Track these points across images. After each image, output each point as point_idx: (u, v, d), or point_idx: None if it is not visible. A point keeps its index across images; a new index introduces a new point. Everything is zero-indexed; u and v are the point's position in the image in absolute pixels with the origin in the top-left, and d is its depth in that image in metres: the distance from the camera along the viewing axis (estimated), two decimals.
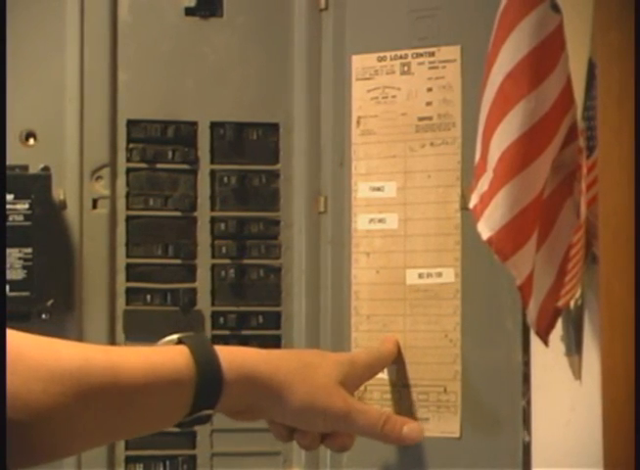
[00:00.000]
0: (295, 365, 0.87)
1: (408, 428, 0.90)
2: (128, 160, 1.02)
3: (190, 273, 1.02)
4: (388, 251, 0.99)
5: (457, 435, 0.98)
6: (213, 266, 1.02)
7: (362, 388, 1.00)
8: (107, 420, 0.77)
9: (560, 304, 0.85)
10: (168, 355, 0.80)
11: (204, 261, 1.02)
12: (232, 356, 0.83)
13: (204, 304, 1.02)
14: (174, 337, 0.84)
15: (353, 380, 0.91)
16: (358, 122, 1.02)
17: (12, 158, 0.98)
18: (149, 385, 0.77)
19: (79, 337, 0.99)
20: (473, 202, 0.83)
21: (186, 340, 0.82)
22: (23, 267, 0.96)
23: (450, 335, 0.98)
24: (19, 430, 0.71)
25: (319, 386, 0.87)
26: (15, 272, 0.95)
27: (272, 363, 0.85)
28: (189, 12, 1.03)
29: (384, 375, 0.99)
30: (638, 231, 0.70)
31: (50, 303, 0.97)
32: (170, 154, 1.02)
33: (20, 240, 0.96)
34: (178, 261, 1.02)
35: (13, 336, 0.73)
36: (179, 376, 0.79)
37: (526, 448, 0.96)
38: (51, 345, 0.76)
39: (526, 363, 0.96)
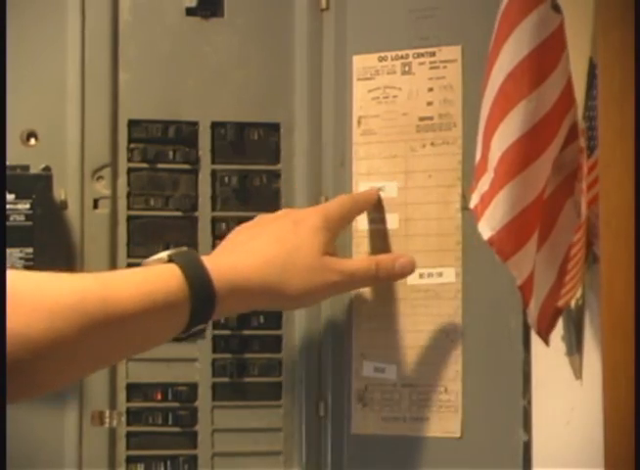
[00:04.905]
0: (280, 262, 0.89)
1: (399, 265, 0.95)
2: (129, 160, 1.02)
3: None
4: (388, 251, 0.99)
5: (458, 435, 0.98)
6: None
7: (362, 387, 1.00)
8: (107, 348, 0.80)
9: (560, 303, 0.85)
10: (161, 279, 0.83)
11: None
12: (222, 271, 0.86)
13: None
14: (164, 255, 0.86)
15: (332, 238, 0.95)
16: (359, 122, 1.02)
17: (13, 158, 0.98)
18: (145, 312, 0.80)
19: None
20: (473, 202, 0.83)
21: (176, 258, 0.85)
22: (25, 267, 0.95)
23: (451, 335, 0.98)
24: (23, 368, 0.74)
25: (308, 269, 0.90)
26: None
27: (260, 270, 0.88)
28: (190, 12, 1.02)
29: (384, 375, 1.00)
30: (639, 231, 0.70)
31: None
32: (171, 154, 1.02)
33: (21, 240, 0.96)
34: None
35: (11, 276, 0.75)
36: (173, 299, 0.82)
37: (527, 448, 0.96)
38: (48, 281, 0.79)
39: (527, 363, 0.96)
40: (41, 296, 0.76)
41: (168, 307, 0.82)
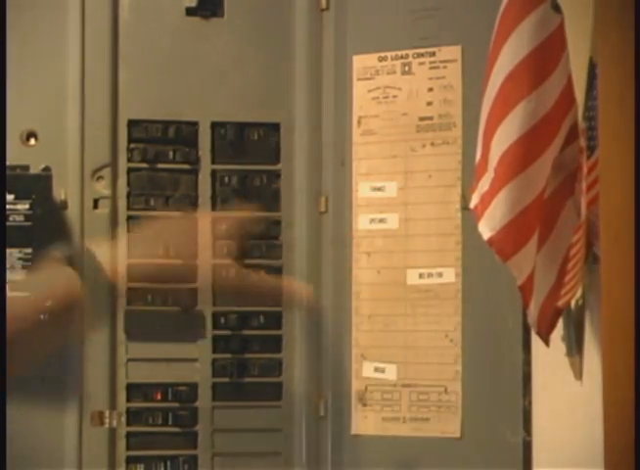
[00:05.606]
0: None
1: None
2: (129, 160, 1.02)
3: (191, 273, 1.02)
4: (388, 251, 0.99)
5: (457, 435, 0.98)
6: (214, 266, 1.02)
7: (363, 387, 1.00)
8: None
9: (560, 303, 0.85)
10: None
11: (205, 262, 1.02)
12: None
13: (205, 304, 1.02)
14: None
15: None
16: (359, 122, 1.02)
17: (13, 158, 0.98)
18: None
19: (80, 337, 0.99)
20: (474, 202, 0.83)
21: None
22: (24, 268, 0.96)
23: (451, 335, 0.98)
24: None
25: None
26: (15, 272, 0.95)
27: None
28: (190, 12, 1.03)
29: (384, 375, 1.00)
30: (639, 232, 0.70)
31: (49, 303, 0.96)
32: (171, 154, 1.02)
33: (20, 240, 0.96)
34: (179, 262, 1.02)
35: None
36: None
37: (527, 448, 0.96)
38: None
39: (528, 363, 0.96)
40: None
41: None
